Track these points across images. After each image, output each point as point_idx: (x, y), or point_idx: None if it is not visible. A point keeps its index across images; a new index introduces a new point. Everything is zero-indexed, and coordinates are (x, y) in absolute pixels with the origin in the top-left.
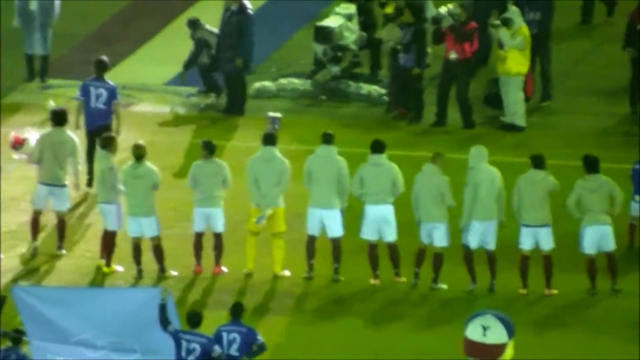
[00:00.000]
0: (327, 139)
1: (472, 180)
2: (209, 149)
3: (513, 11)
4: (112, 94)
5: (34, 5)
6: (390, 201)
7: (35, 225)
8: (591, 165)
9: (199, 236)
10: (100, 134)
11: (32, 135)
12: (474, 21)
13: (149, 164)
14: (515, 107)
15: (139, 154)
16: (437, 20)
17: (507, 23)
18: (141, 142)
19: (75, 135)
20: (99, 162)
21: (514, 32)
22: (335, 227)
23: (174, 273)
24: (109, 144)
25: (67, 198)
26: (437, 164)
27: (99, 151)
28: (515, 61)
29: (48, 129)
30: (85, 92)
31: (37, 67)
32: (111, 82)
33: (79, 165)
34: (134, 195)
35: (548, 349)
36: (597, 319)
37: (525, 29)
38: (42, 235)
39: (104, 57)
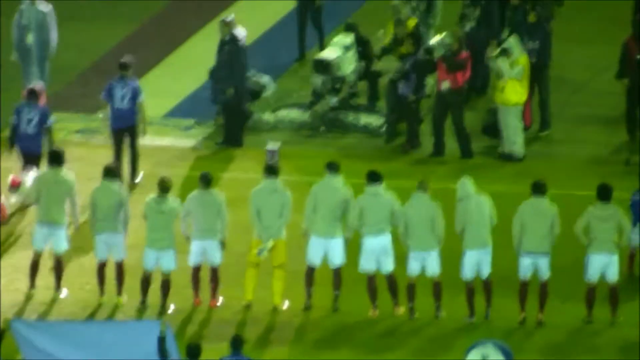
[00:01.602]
0: (333, 168)
1: (462, 211)
2: (205, 181)
3: (512, 41)
4: (136, 93)
5: (30, 39)
6: (388, 231)
7: (35, 269)
8: (604, 193)
9: (196, 269)
10: (125, 133)
11: (30, 177)
12: (471, 50)
13: (172, 197)
14: (515, 137)
15: (164, 187)
16: (429, 50)
17: (506, 53)
18: (167, 176)
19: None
20: (110, 194)
21: (513, 61)
22: (337, 255)
23: (172, 307)
24: (118, 174)
25: (65, 239)
26: (427, 191)
27: (107, 184)
28: (513, 91)
29: (45, 169)
30: (110, 93)
31: None
32: (136, 81)
33: (76, 206)
34: (157, 228)
35: None
36: (597, 347)
37: (523, 59)
38: (43, 271)
39: (128, 58)
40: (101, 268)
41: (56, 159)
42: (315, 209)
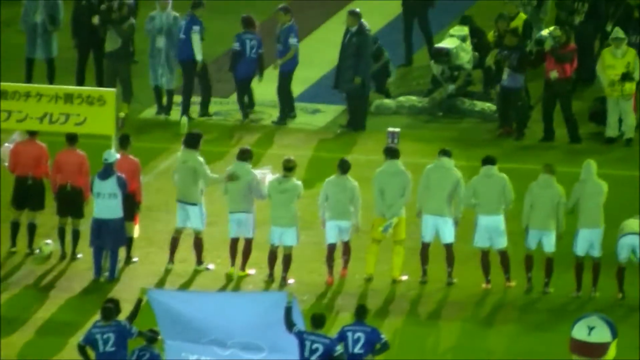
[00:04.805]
0: (445, 153)
1: (578, 191)
2: (343, 167)
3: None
4: (260, 45)
5: (160, 43)
6: (501, 211)
7: (174, 245)
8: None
9: (331, 248)
10: (249, 82)
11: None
12: (579, 43)
13: (294, 178)
14: (631, 121)
15: (289, 167)
16: (539, 42)
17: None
18: (291, 156)
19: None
20: (242, 175)
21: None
22: (448, 233)
23: (291, 281)
24: (249, 156)
25: (200, 217)
26: (553, 174)
27: (239, 164)
28: (631, 83)
29: (180, 151)
30: (241, 43)
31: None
32: (259, 36)
33: (206, 184)
34: (279, 206)
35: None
36: None
37: (632, 52)
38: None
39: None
40: (233, 244)
41: (191, 141)
42: (427, 189)
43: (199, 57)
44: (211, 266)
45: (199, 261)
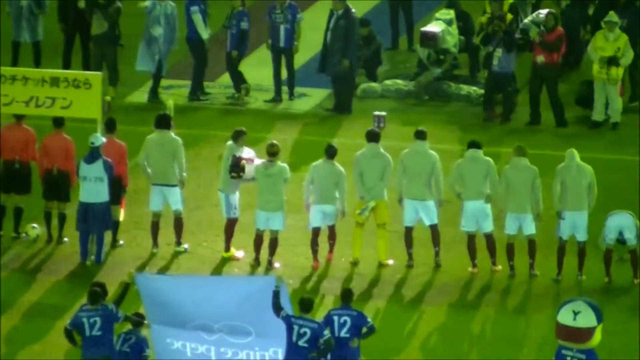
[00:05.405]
0: (419, 135)
1: (561, 175)
2: (330, 152)
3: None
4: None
5: (158, 31)
6: (486, 193)
7: (156, 229)
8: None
9: (315, 232)
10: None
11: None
12: (566, 28)
13: (279, 162)
14: (617, 105)
15: (272, 151)
16: (524, 31)
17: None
18: (274, 141)
19: None
20: (228, 154)
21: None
22: (431, 215)
23: (277, 265)
24: (240, 138)
25: (180, 197)
26: (525, 155)
27: (230, 144)
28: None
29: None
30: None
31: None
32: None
33: (183, 166)
34: (266, 191)
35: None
36: None
37: (624, 37)
38: (164, 228)
39: None
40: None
41: (163, 122)
42: (406, 174)
43: (204, 35)
44: (186, 246)
45: (179, 242)
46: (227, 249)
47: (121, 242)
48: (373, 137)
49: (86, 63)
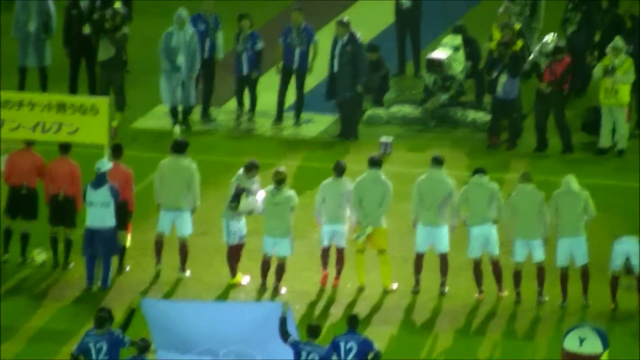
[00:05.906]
0: (436, 161)
1: (555, 202)
2: (339, 170)
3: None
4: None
5: (180, 60)
6: (492, 220)
7: (159, 247)
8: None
9: (325, 250)
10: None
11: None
12: (572, 53)
13: (287, 189)
14: (623, 131)
15: (279, 179)
16: (536, 64)
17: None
18: (282, 168)
19: None
20: (234, 183)
21: (622, 63)
22: (442, 243)
23: (284, 289)
24: (251, 171)
25: (189, 223)
26: (531, 181)
27: (240, 173)
28: (625, 92)
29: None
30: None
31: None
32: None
33: (197, 193)
34: (273, 218)
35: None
36: None
37: (629, 61)
38: (169, 253)
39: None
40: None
41: (179, 147)
42: (421, 200)
43: (221, 55)
44: (188, 273)
45: (183, 268)
46: (233, 275)
47: (127, 267)
48: (374, 163)
49: (92, 88)
